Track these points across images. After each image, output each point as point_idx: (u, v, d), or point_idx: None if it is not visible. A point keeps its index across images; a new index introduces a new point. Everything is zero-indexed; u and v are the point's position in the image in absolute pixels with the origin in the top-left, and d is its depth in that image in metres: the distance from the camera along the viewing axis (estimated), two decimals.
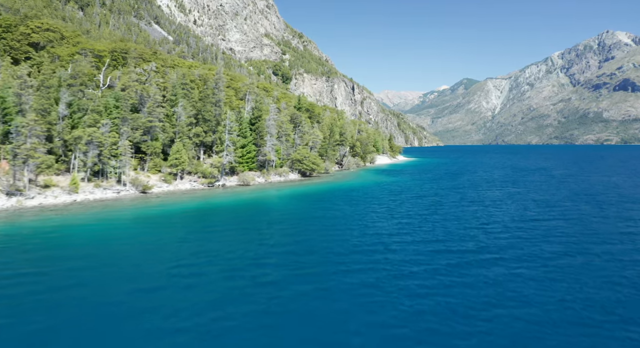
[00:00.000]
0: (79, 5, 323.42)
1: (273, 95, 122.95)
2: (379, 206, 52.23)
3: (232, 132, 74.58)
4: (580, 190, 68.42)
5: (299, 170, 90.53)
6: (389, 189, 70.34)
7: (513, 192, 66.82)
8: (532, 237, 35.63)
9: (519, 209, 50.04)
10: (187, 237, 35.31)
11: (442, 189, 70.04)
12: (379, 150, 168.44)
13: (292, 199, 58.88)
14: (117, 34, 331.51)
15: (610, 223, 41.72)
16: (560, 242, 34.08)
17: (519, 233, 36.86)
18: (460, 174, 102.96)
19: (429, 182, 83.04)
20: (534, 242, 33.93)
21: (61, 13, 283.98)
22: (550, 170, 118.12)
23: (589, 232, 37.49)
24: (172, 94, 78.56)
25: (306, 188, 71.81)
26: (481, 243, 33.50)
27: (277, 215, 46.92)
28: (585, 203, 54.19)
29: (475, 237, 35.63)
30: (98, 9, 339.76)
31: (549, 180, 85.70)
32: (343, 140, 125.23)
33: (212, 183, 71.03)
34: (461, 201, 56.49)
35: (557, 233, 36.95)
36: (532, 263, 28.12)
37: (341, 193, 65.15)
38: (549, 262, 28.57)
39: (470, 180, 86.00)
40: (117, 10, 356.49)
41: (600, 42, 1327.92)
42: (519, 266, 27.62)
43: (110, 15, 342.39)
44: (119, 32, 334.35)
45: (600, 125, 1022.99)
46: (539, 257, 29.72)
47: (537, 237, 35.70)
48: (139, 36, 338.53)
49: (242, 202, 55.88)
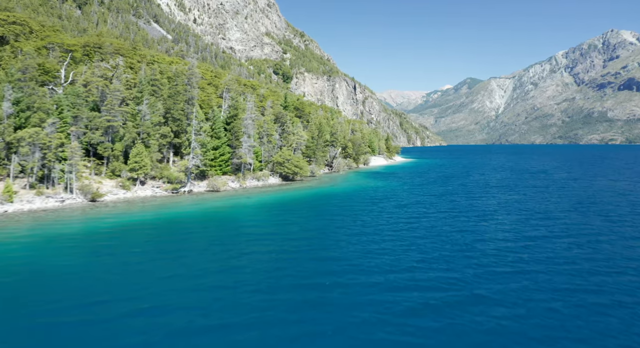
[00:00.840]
0: (77, 3, 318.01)
1: (259, 93, 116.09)
2: (351, 219, 45.16)
3: (199, 132, 67.64)
4: (586, 198, 61.02)
5: (280, 173, 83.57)
6: (370, 196, 63.23)
7: (509, 200, 59.54)
8: (526, 267, 28.42)
9: (513, 224, 42.81)
10: (89, 265, 28.34)
11: (429, 196, 62.85)
12: (374, 151, 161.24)
13: (255, 210, 51.73)
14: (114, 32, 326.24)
15: (628, 245, 34.31)
16: (564, 274, 26.85)
17: (508, 260, 29.70)
18: (455, 177, 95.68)
19: (418, 187, 75.85)
20: (528, 276, 26.74)
21: (57, 11, 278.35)
22: (552, 172, 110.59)
23: (601, 259, 30.20)
24: (139, 90, 71.76)
25: (279, 195, 64.73)
26: (458, 278, 26.33)
27: (220, 233, 39.74)
28: (592, 216, 46.79)
29: (452, 265, 28.49)
30: (96, 7, 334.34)
31: (550, 185, 78.31)
32: (334, 140, 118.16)
33: (177, 190, 64.13)
34: (447, 212, 49.32)
35: (560, 261, 29.60)
36: (524, 311, 21.02)
37: (316, 202, 58.12)
38: (549, 308, 21.46)
39: (464, 185, 78.73)
40: (116, 9, 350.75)
41: (604, 41, 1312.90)
42: (505, 316, 20.52)
43: (108, 14, 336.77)
44: (116, 30, 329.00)
45: (605, 125, 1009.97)
46: (533, 301, 22.57)
47: (533, 266, 28.52)
48: (137, 35, 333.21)
49: (195, 213, 48.67)
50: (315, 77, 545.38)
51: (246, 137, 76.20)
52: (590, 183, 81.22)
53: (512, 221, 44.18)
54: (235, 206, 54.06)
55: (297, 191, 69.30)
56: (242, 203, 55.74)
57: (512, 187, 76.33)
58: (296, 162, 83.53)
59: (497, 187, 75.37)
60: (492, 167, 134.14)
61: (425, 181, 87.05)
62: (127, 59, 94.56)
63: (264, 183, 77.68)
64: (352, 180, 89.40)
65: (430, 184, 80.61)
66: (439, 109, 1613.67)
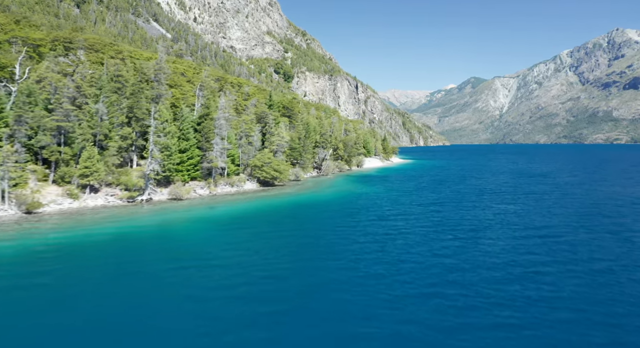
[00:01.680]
0: (75, 2, 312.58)
1: (244, 91, 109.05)
2: (316, 238, 37.96)
3: (162, 133, 60.53)
4: (594, 209, 53.42)
5: (258, 178, 76.44)
6: (350, 206, 55.97)
7: (505, 211, 52.09)
8: (516, 319, 21.13)
9: (507, 246, 35.39)
10: None
11: (416, 206, 55.49)
12: (370, 152, 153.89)
13: (207, 225, 44.01)
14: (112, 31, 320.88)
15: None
16: (571, 322, 19.63)
17: (491, 305, 22.42)
18: (449, 182, 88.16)
19: (406, 194, 68.43)
20: (525, 324, 19.51)
21: (54, 10, 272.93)
22: (555, 176, 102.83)
23: (620, 299, 22.94)
24: (98, 87, 64.77)
25: (247, 205, 57.34)
26: (432, 325, 19.11)
27: (140, 261, 32.73)
28: (604, 235, 39.12)
29: (415, 314, 21.25)
30: (95, 6, 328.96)
31: (553, 192, 70.75)
32: (323, 141, 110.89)
33: (134, 198, 57.07)
34: (430, 228, 41.94)
35: (565, 306, 22.37)
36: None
37: (284, 213, 50.83)
38: None
39: (457, 192, 71.26)
40: (115, 8, 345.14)
41: (610, 40, 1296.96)
42: None
43: (107, 13, 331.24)
44: (115, 29, 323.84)
45: (610, 124, 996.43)
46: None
47: (526, 316, 21.25)
48: (136, 33, 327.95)
49: (129, 232, 40.64)
50: (317, 76, 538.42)
51: (218, 139, 69.04)
52: (597, 189, 73.55)
53: (506, 242, 36.79)
54: (189, 220, 46.85)
55: (271, 199, 62.07)
56: (198, 216, 48.50)
57: (510, 193, 68.82)
58: (276, 165, 76.35)
59: (494, 194, 67.83)
60: (492, 170, 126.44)
61: (416, 186, 79.61)
62: (99, 54, 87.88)
63: (237, 190, 70.53)
64: (338, 185, 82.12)
65: (421, 190, 73.19)
66: (442, 109, 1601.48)
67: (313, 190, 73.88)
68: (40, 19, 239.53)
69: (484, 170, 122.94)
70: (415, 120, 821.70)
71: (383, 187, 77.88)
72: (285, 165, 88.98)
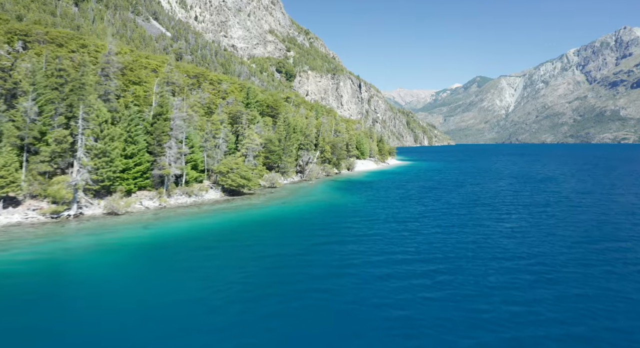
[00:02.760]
0: (73, 0, 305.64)
1: (222, 89, 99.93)
2: (243, 275, 28.70)
3: (95, 135, 51.48)
4: (607, 230, 43.61)
5: (222, 187, 67.25)
6: (314, 222, 46.55)
7: (498, 232, 42.41)
8: None
9: (493, 293, 25.90)
10: None
11: (392, 223, 45.98)
12: (364, 154, 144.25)
13: (116, 256, 34.69)
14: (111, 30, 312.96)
15: None
16: None
17: None
18: (442, 189, 78.43)
19: (387, 205, 58.73)
20: None
21: (50, 8, 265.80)
22: (561, 181, 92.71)
23: None
24: (31, 83, 55.89)
25: (192, 221, 47.70)
26: None
27: None
28: (626, 277, 29.60)
29: None
30: (93, 4, 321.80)
31: (557, 204, 60.89)
32: (308, 143, 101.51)
33: (59, 214, 48.06)
34: (400, 258, 32.43)
35: None
36: None
37: (226, 237, 41.23)
38: None
39: (447, 203, 61.52)
40: (114, 6, 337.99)
41: (617, 38, 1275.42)
42: None
43: (106, 11, 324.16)
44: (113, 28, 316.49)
45: (618, 124, 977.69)
46: None
47: None
48: (135, 32, 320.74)
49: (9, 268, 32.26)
50: (319, 75, 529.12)
51: (173, 142, 59.90)
52: (609, 199, 63.59)
53: (493, 283, 27.33)
54: (100, 246, 37.54)
55: (224, 214, 52.71)
56: (116, 242, 39.17)
57: (508, 205, 59.05)
58: (243, 172, 67.10)
59: (488, 207, 58.08)
60: (492, 173, 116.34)
61: (402, 195, 69.96)
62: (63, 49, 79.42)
63: (195, 200, 61.34)
64: (315, 194, 72.67)
65: (405, 200, 63.56)
66: (448, 108, 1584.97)
67: (283, 200, 64.51)
68: (35, 17, 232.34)
69: (484, 174, 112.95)
70: (419, 120, 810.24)
71: (364, 196, 68.40)
72: (260, 169, 79.86)
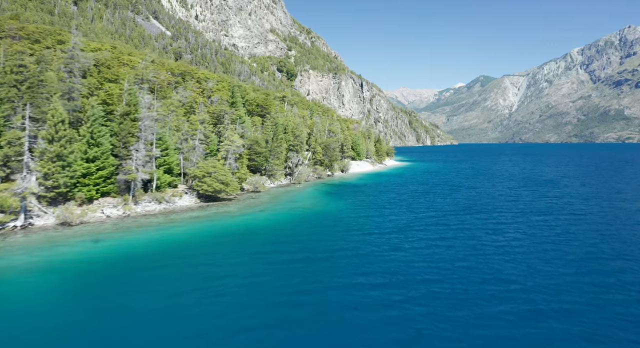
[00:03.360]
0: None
1: (207, 87, 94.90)
2: (168, 311, 23.66)
3: (43, 135, 46.55)
4: (615, 245, 38.28)
5: (197, 192, 62.24)
6: (284, 236, 41.28)
7: (488, 250, 37.20)
8: None
9: (484, 339, 20.74)
10: None
11: (374, 235, 40.74)
12: (360, 155, 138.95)
13: (47, 275, 29.78)
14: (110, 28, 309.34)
15: None
16: None
17: None
18: (435, 194, 73.10)
19: (374, 213, 53.39)
20: None
21: (48, 6, 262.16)
22: (564, 185, 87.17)
23: None
24: None
25: (153, 233, 42.37)
26: None
27: None
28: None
29: None
30: (93, 3, 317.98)
31: (559, 212, 55.55)
32: (298, 144, 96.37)
33: (4, 224, 43.13)
34: (371, 284, 27.28)
35: None
36: None
37: (185, 253, 36.02)
38: None
39: (439, 210, 56.17)
40: (113, 5, 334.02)
41: (621, 37, 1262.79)
42: None
43: (105, 10, 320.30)
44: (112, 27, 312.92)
45: (622, 123, 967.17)
46: None
47: None
48: (134, 31, 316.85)
49: None
50: (321, 74, 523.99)
51: (141, 144, 54.91)
52: (617, 207, 58.11)
53: (479, 319, 22.14)
54: (31, 265, 32.67)
55: (195, 223, 47.66)
56: (64, 257, 34.24)
57: (504, 213, 53.72)
58: (221, 176, 62.05)
59: (482, 214, 52.74)
60: (492, 175, 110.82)
61: (391, 200, 64.65)
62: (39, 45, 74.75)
63: (166, 208, 56.32)
64: (300, 199, 67.50)
65: (394, 207, 58.29)
66: (451, 107, 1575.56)
67: (263, 207, 59.40)
68: (32, 16, 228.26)
69: (481, 177, 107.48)
70: (422, 119, 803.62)
71: (351, 202, 63.22)
72: (243, 173, 74.79)
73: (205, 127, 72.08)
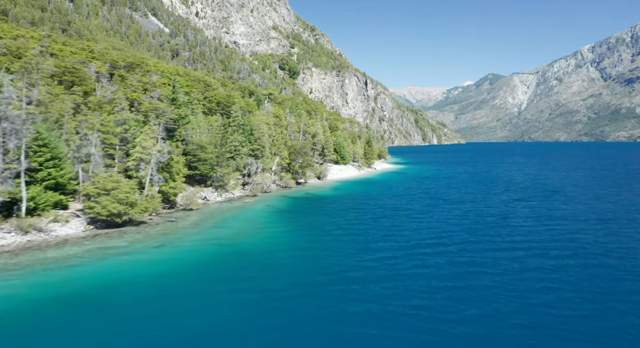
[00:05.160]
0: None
1: (150, 80, 79.80)
2: None
3: None
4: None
5: (90, 216, 47.11)
6: (157, 297, 26.46)
7: (463, 326, 21.72)
8: None
9: None
10: None
11: (297, 286, 25.59)
12: (345, 159, 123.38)
13: None
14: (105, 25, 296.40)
15: None
16: None
17: None
18: (408, 213, 57.21)
19: (316, 247, 37.81)
20: None
21: (40, 3, 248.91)
22: (574, 195, 70.62)
23: None
24: None
25: None
26: None
27: None
28: None
29: None
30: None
31: (573, 236, 39.56)
32: (258, 148, 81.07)
33: None
34: None
35: None
36: None
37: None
38: None
39: (401, 244, 40.35)
40: (110, 1, 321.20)
41: (633, 34, 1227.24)
42: None
43: (101, 7, 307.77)
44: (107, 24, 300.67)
45: (633, 122, 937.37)
46: None
47: None
48: (130, 28, 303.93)
49: None
50: (324, 72, 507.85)
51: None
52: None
53: None
54: None
55: (47, 271, 32.54)
56: None
57: (498, 239, 37.92)
58: (123, 194, 46.98)
59: (460, 252, 36.89)
60: (491, 181, 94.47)
61: (351, 222, 48.86)
62: None
63: (32, 240, 41.21)
64: (236, 222, 51.94)
65: (349, 233, 42.60)
66: (459, 106, 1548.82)
67: (170, 238, 44.05)
68: (21, 12, 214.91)
69: (477, 184, 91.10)
70: (429, 118, 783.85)
71: (296, 226, 47.68)
72: (172, 186, 59.63)
73: (126, 130, 57.21)
